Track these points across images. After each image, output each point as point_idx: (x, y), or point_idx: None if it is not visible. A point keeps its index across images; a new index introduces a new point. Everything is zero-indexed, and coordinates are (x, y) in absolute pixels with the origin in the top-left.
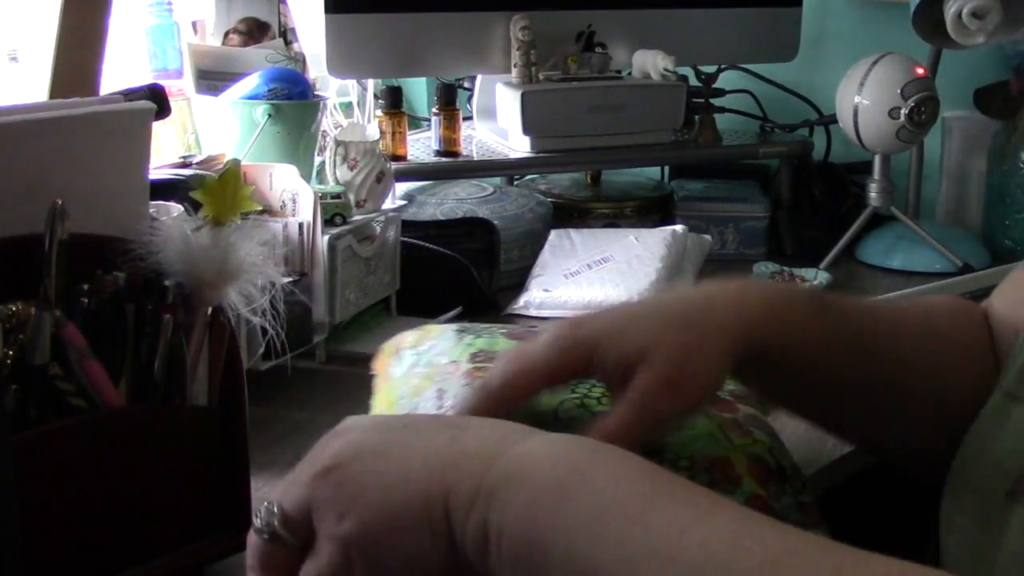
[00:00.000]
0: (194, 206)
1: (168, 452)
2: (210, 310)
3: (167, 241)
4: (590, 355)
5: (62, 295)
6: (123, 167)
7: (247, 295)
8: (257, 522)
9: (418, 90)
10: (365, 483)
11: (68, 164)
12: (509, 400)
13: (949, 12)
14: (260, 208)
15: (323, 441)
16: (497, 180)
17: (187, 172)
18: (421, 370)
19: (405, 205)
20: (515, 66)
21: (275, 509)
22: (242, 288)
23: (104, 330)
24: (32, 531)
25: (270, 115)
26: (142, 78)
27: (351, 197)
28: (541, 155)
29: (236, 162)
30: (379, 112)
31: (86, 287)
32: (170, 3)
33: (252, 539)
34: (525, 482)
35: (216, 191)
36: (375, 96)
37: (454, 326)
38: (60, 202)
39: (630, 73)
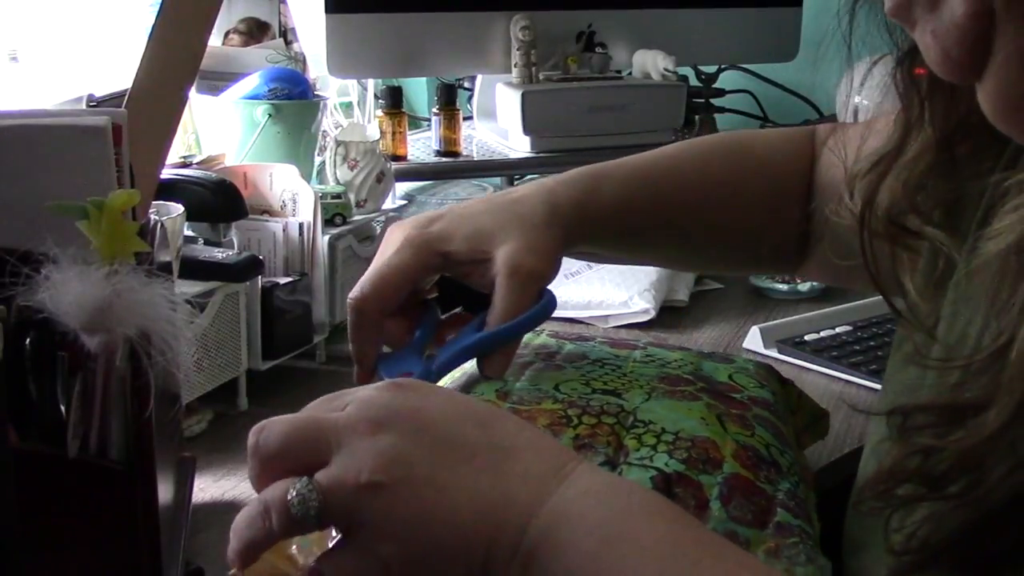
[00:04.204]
0: (189, 212)
1: (48, 506)
2: (105, 358)
3: (60, 273)
4: (445, 251)
5: None
6: (73, 184)
7: (142, 346)
8: (292, 496)
9: (418, 90)
10: (411, 513)
11: (8, 175)
12: (379, 309)
13: None
14: (149, 249)
15: (373, 412)
16: (497, 180)
17: (187, 172)
18: None
19: (405, 205)
20: (515, 66)
21: (316, 499)
22: (134, 337)
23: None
24: None
25: (270, 115)
26: None
27: (351, 197)
28: (541, 155)
29: (125, 195)
30: (379, 112)
31: None
32: None
33: (277, 499)
34: (563, 549)
35: (96, 223)
36: (375, 96)
37: None
38: None
39: (630, 73)
